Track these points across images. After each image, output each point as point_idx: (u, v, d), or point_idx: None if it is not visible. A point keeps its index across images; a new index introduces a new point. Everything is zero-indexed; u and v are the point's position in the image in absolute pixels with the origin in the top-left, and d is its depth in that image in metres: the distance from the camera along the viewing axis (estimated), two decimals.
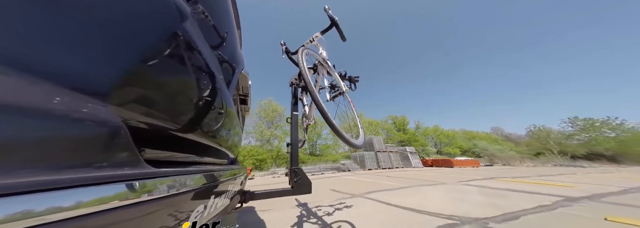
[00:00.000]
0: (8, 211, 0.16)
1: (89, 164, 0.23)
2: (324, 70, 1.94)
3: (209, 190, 0.49)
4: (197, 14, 0.51)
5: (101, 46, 0.27)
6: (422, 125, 35.22)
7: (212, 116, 0.58)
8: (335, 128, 1.18)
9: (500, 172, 9.51)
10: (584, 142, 25.91)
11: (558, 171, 10.13)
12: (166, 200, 0.32)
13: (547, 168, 12.39)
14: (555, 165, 17.11)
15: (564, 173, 9.01)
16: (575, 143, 26.25)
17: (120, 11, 0.29)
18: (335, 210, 3.00)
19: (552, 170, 10.71)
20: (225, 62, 0.75)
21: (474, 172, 10.30)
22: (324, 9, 1.68)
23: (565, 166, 15.44)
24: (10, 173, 0.17)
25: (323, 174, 10.99)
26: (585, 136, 27.06)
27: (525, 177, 7.26)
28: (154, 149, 0.44)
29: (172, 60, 0.39)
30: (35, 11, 0.21)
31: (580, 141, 26.57)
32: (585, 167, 14.26)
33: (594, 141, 25.23)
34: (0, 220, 0.15)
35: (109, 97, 0.27)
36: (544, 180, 6.34)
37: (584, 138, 26.89)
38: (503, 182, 5.95)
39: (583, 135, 27.28)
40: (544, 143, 27.54)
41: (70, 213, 0.19)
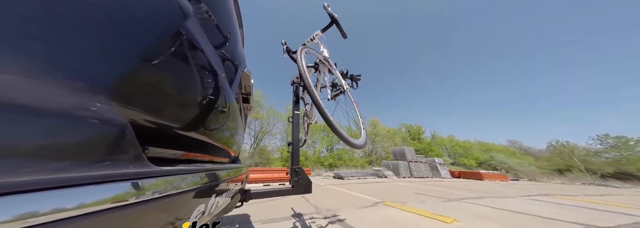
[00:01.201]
0: (12, 210, 0.16)
1: (94, 163, 0.24)
2: (325, 68, 1.92)
3: (211, 189, 0.49)
4: (200, 13, 0.51)
5: (105, 45, 0.27)
6: (438, 135, 35.38)
7: (215, 115, 0.58)
8: (334, 127, 1.18)
9: (540, 189, 9.45)
10: (613, 161, 24.94)
11: (599, 191, 9.86)
12: (170, 199, 0.32)
13: (580, 187, 12.44)
14: (583, 183, 16.97)
15: (608, 193, 8.88)
16: (602, 161, 25.36)
17: (124, 10, 0.30)
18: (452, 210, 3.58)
19: (590, 190, 10.40)
20: (228, 61, 0.75)
21: (515, 186, 10.21)
22: (324, 6, 1.66)
23: (596, 185, 15.36)
24: (15, 172, 0.17)
25: (366, 179, 11.47)
26: (615, 154, 26.13)
27: (572, 195, 7.29)
28: (157, 148, 0.44)
29: (175, 59, 0.39)
30: (38, 10, 0.21)
31: (609, 159, 25.67)
32: (618, 187, 14.16)
33: (626, 160, 24.23)
34: (4, 219, 0.16)
35: (114, 95, 0.27)
36: (597, 199, 6.30)
37: (613, 156, 25.93)
38: (563, 199, 6.01)
39: (613, 154, 26.35)
40: (567, 160, 27.02)
41: (75, 212, 0.20)
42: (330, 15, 1.65)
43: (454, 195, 5.87)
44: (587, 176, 22.65)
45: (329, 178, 12.04)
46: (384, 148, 25.90)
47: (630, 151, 26.19)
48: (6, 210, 0.16)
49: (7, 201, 0.16)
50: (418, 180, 11.91)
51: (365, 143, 1.56)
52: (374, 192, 6.03)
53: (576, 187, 12.42)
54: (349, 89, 1.95)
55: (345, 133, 1.27)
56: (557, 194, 7.44)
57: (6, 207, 0.16)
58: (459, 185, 9.15)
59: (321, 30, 1.74)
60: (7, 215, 0.16)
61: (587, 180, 20.45)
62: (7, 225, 0.16)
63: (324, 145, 23.34)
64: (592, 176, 22.52)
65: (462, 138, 37.19)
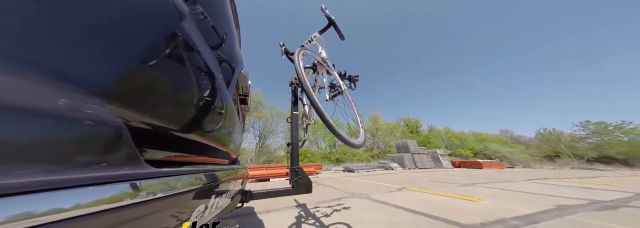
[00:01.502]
0: (8, 211, 0.16)
1: (89, 164, 0.23)
2: (323, 69, 1.95)
3: (210, 190, 0.49)
4: (195, 14, 0.51)
5: (101, 46, 0.27)
6: (435, 128, 36.47)
7: (212, 116, 0.58)
8: (332, 127, 1.19)
9: (536, 174, 10.02)
10: (595, 145, 26.38)
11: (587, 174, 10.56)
12: (167, 200, 0.32)
13: (570, 171, 13.13)
14: (573, 168, 18.15)
15: (597, 175, 9.53)
16: (585, 146, 26.81)
17: (119, 11, 0.29)
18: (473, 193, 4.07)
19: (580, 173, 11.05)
20: (225, 62, 0.75)
21: (514, 173, 10.76)
22: (321, 8, 1.70)
23: (582, 169, 16.45)
24: (11, 173, 0.17)
25: (375, 171, 12.11)
26: (596, 139, 27.59)
27: (567, 178, 7.80)
28: (154, 149, 0.45)
29: (171, 60, 0.39)
30: (34, 11, 0.21)
31: (591, 144, 27.10)
32: (603, 170, 15.23)
33: (607, 144, 25.65)
34: (1, 220, 0.15)
35: (109, 97, 0.27)
36: (589, 181, 6.79)
37: (595, 141, 27.41)
38: (560, 181, 6.46)
39: (595, 139, 27.83)
40: (554, 146, 28.23)
41: (70, 213, 0.19)
42: (327, 17, 1.68)
43: (465, 181, 6.44)
44: (574, 161, 23.90)
45: (339, 172, 12.46)
46: (385, 142, 26.53)
47: (610, 136, 27.36)
48: (3, 211, 0.16)
49: (3, 202, 0.16)
50: (424, 171, 12.52)
51: (363, 143, 1.58)
52: (391, 181, 6.51)
53: (567, 171, 13.21)
54: (347, 89, 1.98)
55: (343, 134, 1.29)
56: (553, 177, 8.15)
57: (2, 208, 0.16)
58: (463, 174, 9.77)
59: (319, 32, 1.77)
60: (4, 216, 0.16)
61: (575, 165, 21.73)
62: (3, 226, 0.16)
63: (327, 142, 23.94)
64: (579, 161, 23.82)
65: (458, 130, 38.28)
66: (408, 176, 8.46)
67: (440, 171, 12.27)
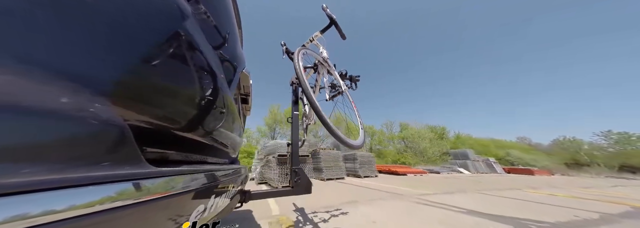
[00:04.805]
0: (10, 211, 0.16)
1: (91, 163, 0.24)
2: (324, 69, 1.95)
3: (210, 190, 0.49)
4: (198, 14, 0.52)
5: (103, 46, 0.27)
6: (462, 135, 38.16)
7: (213, 115, 0.58)
8: (330, 127, 1.19)
9: (588, 182, 9.93)
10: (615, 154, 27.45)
11: (627, 183, 10.35)
12: (168, 200, 0.32)
13: (608, 180, 13.12)
14: (607, 176, 18.95)
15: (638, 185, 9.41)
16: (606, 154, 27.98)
17: (122, 11, 0.30)
18: None
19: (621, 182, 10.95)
20: (227, 62, 0.76)
21: (568, 180, 10.96)
22: (322, 7, 1.70)
23: (616, 177, 17.33)
24: (13, 172, 0.17)
25: (453, 174, 13.65)
26: (618, 149, 28.78)
27: (622, 186, 8.15)
28: (155, 149, 0.45)
29: (173, 60, 0.39)
30: (37, 11, 0.21)
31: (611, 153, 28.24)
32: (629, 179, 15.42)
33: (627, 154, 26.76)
34: (2, 220, 0.16)
35: (112, 96, 0.27)
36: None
37: (617, 150, 28.55)
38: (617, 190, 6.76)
39: (616, 148, 29.04)
40: (573, 154, 29.47)
41: (72, 212, 0.20)
42: (329, 16, 1.69)
43: (544, 185, 6.99)
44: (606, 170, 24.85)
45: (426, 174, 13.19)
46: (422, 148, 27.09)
47: (633, 146, 28.42)
48: (4, 210, 0.16)
49: (5, 202, 0.16)
50: (492, 175, 13.66)
51: (363, 144, 1.59)
52: (495, 184, 7.10)
53: (607, 180, 13.30)
54: (348, 89, 1.99)
55: (341, 134, 1.30)
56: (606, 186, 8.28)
57: (4, 208, 0.16)
58: (529, 180, 10.00)
59: (320, 32, 1.78)
60: (5, 216, 0.16)
61: (608, 173, 22.73)
62: (4, 225, 0.16)
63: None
64: (610, 170, 24.84)
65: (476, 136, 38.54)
66: (493, 179, 9.00)
67: (505, 176, 12.83)
